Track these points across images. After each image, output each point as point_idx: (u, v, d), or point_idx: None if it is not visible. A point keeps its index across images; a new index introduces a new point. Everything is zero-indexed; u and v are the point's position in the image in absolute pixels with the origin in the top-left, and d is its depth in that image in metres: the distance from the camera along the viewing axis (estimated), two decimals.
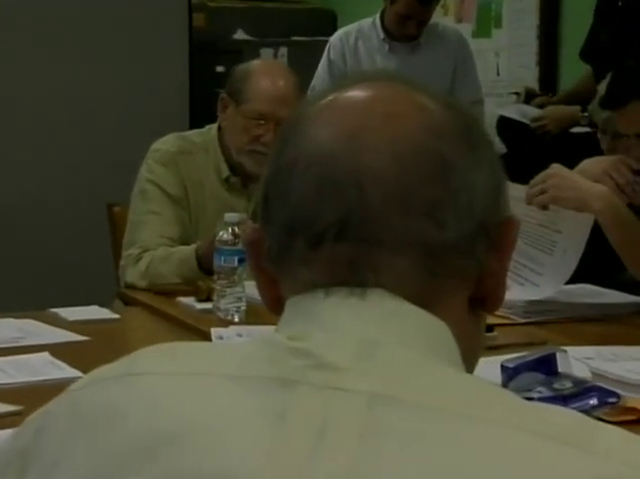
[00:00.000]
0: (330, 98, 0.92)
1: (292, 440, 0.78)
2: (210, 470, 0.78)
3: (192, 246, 2.86)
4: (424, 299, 0.87)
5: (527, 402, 0.83)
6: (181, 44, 5.24)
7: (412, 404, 0.79)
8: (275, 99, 2.94)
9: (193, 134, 3.15)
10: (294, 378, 0.81)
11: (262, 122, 2.93)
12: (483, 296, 0.92)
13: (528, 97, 4.61)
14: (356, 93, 0.92)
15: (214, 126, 3.11)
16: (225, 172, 3.05)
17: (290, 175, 0.89)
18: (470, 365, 0.93)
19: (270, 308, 0.94)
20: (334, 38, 4.56)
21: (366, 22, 4.53)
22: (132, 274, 2.91)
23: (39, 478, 0.86)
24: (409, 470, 0.76)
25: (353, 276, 0.86)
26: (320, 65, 4.50)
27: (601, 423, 0.82)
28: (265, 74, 3.01)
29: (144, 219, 2.98)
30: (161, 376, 0.86)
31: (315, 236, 0.87)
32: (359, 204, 0.86)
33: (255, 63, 3.11)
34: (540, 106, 4.47)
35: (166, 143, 3.07)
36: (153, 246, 2.92)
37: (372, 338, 0.84)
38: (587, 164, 2.77)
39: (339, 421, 0.78)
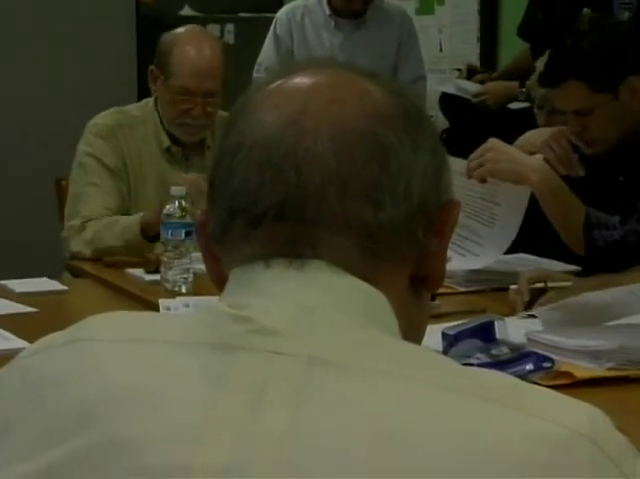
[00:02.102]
0: (278, 83, 0.95)
1: (231, 402, 0.81)
2: (149, 433, 0.81)
3: (138, 214, 2.88)
4: (362, 275, 0.90)
5: (462, 367, 0.87)
6: (128, 19, 5.23)
7: (348, 367, 0.82)
8: (200, 74, 2.96)
9: (132, 107, 3.17)
10: (235, 343, 0.84)
11: (190, 96, 2.97)
12: (424, 276, 0.95)
13: (469, 73, 4.67)
14: (302, 79, 0.94)
15: (151, 98, 3.13)
16: (167, 142, 3.08)
17: (234, 158, 0.92)
18: (413, 342, 0.94)
19: (218, 287, 0.96)
20: (280, 14, 4.57)
21: None
22: (76, 244, 2.93)
23: None
24: (345, 430, 0.79)
25: (292, 250, 0.89)
26: (267, 41, 4.51)
27: (531, 385, 0.86)
28: (189, 45, 3.00)
29: (83, 190, 3.00)
30: (105, 343, 0.89)
31: (256, 216, 0.90)
32: (298, 185, 0.88)
33: (179, 33, 3.07)
34: (481, 82, 4.53)
35: (104, 117, 3.09)
36: (95, 216, 2.94)
37: (310, 305, 0.87)
38: (530, 134, 2.83)
39: (277, 383, 0.82)
